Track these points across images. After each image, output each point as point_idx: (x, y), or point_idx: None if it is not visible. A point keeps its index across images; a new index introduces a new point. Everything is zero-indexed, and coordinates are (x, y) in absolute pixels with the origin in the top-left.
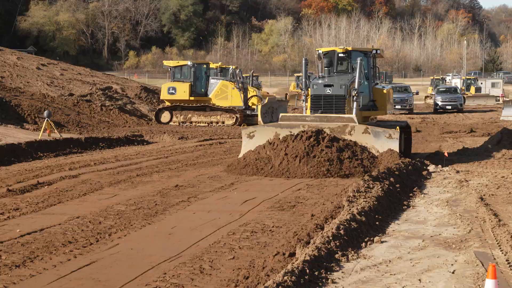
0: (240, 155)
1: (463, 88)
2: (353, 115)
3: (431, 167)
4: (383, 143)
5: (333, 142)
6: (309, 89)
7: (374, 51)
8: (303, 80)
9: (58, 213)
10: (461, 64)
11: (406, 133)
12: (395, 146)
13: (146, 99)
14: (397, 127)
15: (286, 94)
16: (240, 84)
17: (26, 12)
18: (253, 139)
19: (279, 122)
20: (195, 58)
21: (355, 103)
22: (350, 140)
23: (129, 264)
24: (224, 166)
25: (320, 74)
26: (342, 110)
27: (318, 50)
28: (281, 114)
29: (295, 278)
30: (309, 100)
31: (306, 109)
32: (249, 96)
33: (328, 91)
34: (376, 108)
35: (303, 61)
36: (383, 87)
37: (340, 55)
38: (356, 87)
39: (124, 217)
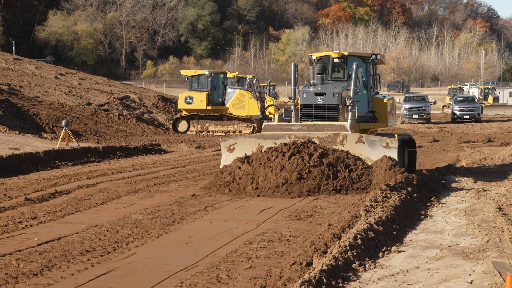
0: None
1: (481, 97)
2: (345, 123)
3: (449, 177)
4: (379, 154)
5: (322, 158)
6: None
7: (373, 57)
8: (292, 87)
9: (76, 222)
10: (479, 74)
11: (410, 147)
12: (393, 156)
13: (164, 108)
14: (395, 135)
15: None
16: (257, 94)
17: (44, 22)
18: (234, 152)
19: (262, 133)
20: (212, 67)
21: (350, 113)
22: (342, 151)
23: (146, 273)
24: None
25: (311, 81)
26: (336, 121)
27: (311, 55)
28: (264, 123)
29: (312, 287)
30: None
31: (294, 121)
32: (266, 105)
33: (319, 100)
34: (376, 120)
35: (292, 66)
36: (384, 96)
37: (335, 60)
38: (351, 95)
39: (141, 226)
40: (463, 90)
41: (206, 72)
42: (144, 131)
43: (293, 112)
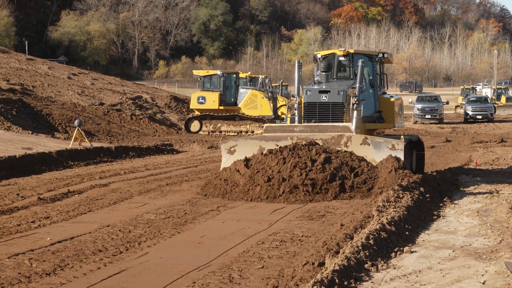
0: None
1: (494, 97)
2: (349, 123)
3: (461, 177)
4: (385, 156)
5: (325, 164)
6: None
7: (380, 55)
8: (296, 85)
9: (88, 221)
10: (492, 74)
11: (418, 149)
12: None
13: (176, 108)
14: (402, 137)
15: None
16: (269, 94)
17: (57, 22)
18: (235, 155)
19: (263, 135)
20: (225, 67)
21: (355, 112)
22: (345, 152)
23: (158, 272)
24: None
25: (316, 79)
26: (341, 120)
27: (316, 53)
28: (265, 125)
29: (325, 287)
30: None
31: (297, 120)
32: (278, 105)
33: (323, 98)
34: (383, 120)
35: (296, 64)
36: (392, 96)
37: (340, 58)
38: (356, 93)
39: (154, 226)
40: (476, 90)
41: (219, 72)
42: (157, 131)
43: (296, 111)
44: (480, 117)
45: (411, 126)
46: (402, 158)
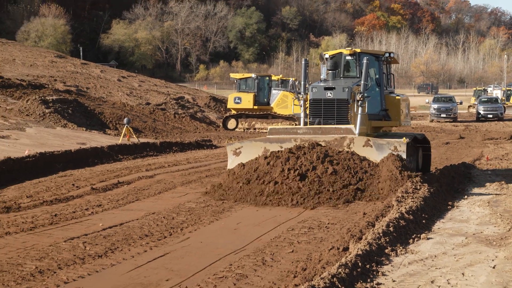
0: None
1: (503, 98)
2: (352, 126)
3: (474, 171)
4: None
5: (327, 170)
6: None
7: (386, 55)
8: (302, 82)
9: (136, 209)
10: (502, 76)
11: (424, 147)
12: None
13: (215, 107)
14: (404, 138)
15: None
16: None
17: (108, 30)
18: (240, 156)
19: (267, 137)
20: (259, 71)
21: (360, 108)
22: (347, 152)
23: (198, 255)
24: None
25: (322, 77)
26: (345, 117)
27: (324, 53)
28: (269, 127)
29: (348, 270)
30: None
31: (303, 116)
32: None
33: (329, 95)
34: (389, 118)
35: (303, 62)
36: (398, 95)
37: (347, 57)
38: (361, 90)
39: (195, 213)
40: (487, 91)
41: (253, 75)
42: (197, 128)
43: (302, 107)
44: (491, 116)
45: (427, 124)
46: (404, 159)
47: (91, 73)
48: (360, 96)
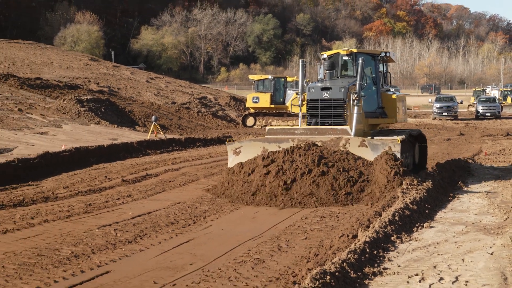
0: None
1: (501, 98)
2: (347, 126)
3: (473, 165)
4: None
5: (328, 168)
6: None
7: (382, 54)
8: (300, 83)
9: (163, 199)
10: (499, 78)
11: (420, 143)
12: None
13: (235, 106)
14: (398, 139)
15: None
16: None
17: (138, 36)
18: (240, 156)
19: (266, 137)
20: (275, 73)
21: (356, 107)
22: (342, 152)
23: (220, 242)
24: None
25: (319, 77)
26: (342, 116)
27: (322, 54)
28: (267, 128)
29: (357, 256)
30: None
31: (300, 115)
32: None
33: (325, 95)
34: (386, 116)
35: (300, 63)
36: (394, 93)
37: (344, 58)
38: (357, 89)
39: (216, 203)
40: (486, 91)
41: (270, 77)
42: (219, 125)
43: (300, 107)
44: (489, 114)
45: (430, 122)
46: (399, 159)
47: (122, 75)
48: (355, 95)
